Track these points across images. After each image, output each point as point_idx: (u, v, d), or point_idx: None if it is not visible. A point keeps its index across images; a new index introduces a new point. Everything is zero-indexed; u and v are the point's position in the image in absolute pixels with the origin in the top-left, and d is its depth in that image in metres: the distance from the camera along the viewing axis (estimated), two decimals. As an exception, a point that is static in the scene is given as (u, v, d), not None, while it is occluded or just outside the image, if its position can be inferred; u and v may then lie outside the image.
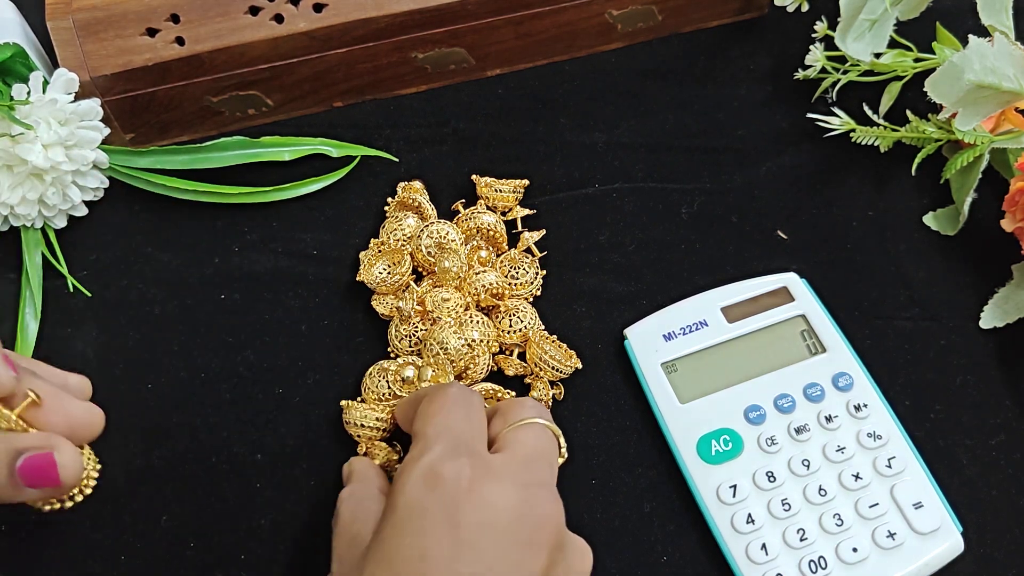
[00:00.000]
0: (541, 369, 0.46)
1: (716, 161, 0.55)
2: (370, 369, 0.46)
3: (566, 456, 0.42)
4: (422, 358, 0.46)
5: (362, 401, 0.46)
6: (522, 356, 0.47)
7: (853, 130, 0.53)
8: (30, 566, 0.43)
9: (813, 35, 0.55)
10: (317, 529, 0.44)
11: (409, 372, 0.45)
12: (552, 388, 0.46)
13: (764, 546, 0.41)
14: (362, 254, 0.50)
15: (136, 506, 0.44)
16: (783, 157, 0.55)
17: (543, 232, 0.51)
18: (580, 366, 0.47)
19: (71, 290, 0.50)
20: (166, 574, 0.42)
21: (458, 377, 0.46)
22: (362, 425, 0.44)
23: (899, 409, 0.45)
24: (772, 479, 0.43)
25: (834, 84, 0.55)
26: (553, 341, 0.47)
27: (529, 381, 0.47)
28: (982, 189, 0.51)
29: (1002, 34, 0.49)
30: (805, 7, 0.57)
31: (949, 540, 0.42)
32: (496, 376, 0.47)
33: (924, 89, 0.49)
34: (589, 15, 0.56)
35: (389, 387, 0.45)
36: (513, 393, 0.46)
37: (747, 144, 0.56)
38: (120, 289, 0.50)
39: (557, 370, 0.46)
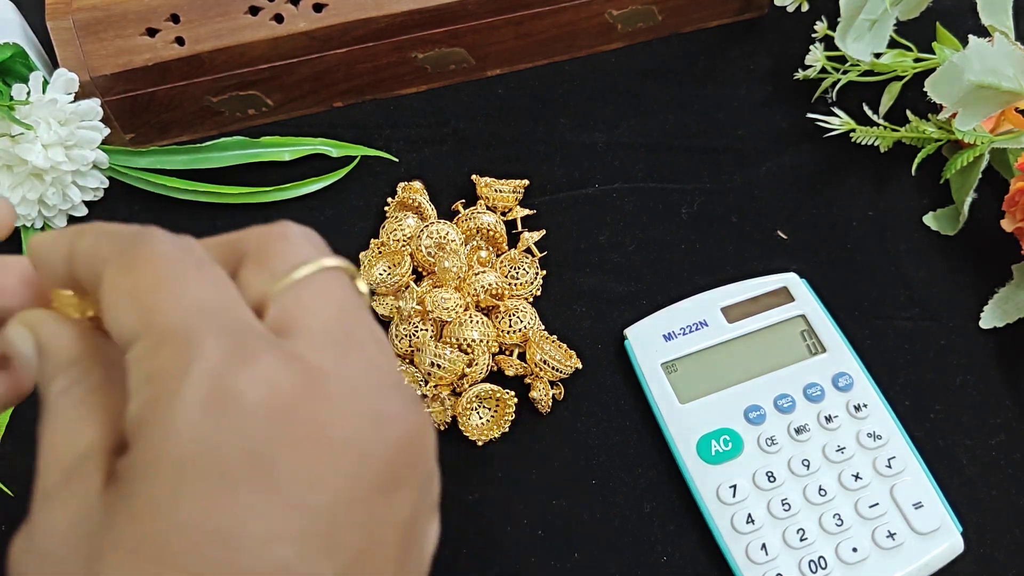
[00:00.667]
0: (541, 369, 0.46)
1: (716, 161, 0.55)
2: None
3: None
4: (415, 366, 0.46)
5: None
6: (522, 356, 0.47)
7: (853, 130, 0.53)
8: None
9: (813, 35, 0.55)
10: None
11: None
12: (552, 388, 0.46)
13: (764, 546, 0.41)
14: (362, 254, 0.50)
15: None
16: (783, 157, 0.55)
17: (543, 232, 0.51)
18: (580, 366, 0.47)
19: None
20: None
21: (459, 378, 0.46)
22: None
23: (899, 409, 0.45)
24: (772, 479, 0.43)
25: (834, 84, 0.55)
26: (553, 341, 0.47)
27: (529, 381, 0.47)
28: (982, 189, 0.51)
29: (1002, 34, 0.49)
30: (805, 7, 0.57)
31: (949, 540, 0.42)
32: (496, 376, 0.47)
33: (924, 89, 0.49)
34: (589, 15, 0.56)
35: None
36: (512, 393, 0.46)
37: (747, 144, 0.56)
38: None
39: (557, 370, 0.46)
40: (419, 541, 0.23)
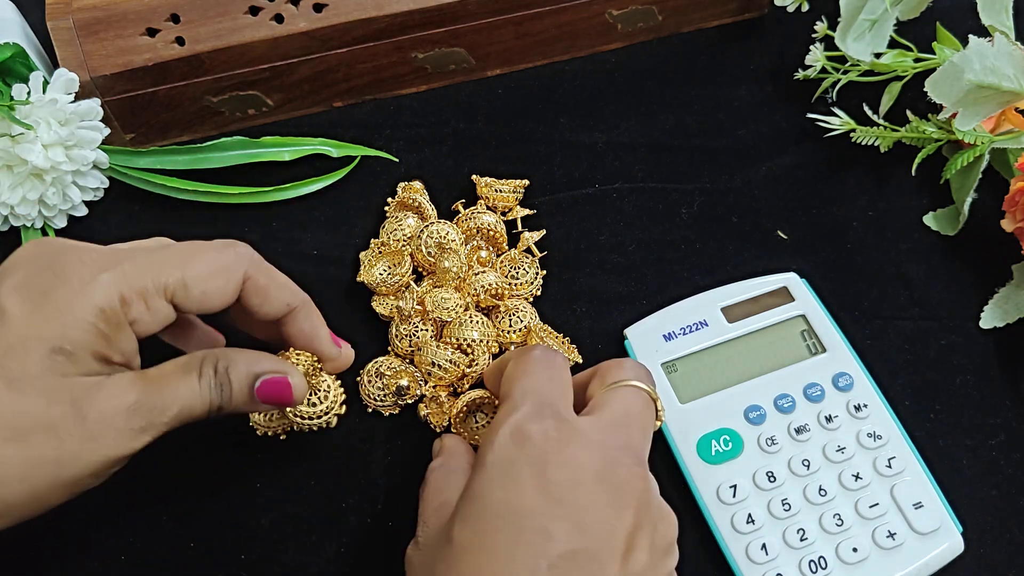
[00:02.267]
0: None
1: (716, 161, 0.55)
2: (367, 367, 0.47)
3: (663, 420, 0.41)
4: (415, 366, 0.46)
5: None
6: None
7: (853, 130, 0.53)
8: (30, 566, 0.43)
9: (813, 35, 0.55)
10: (317, 529, 0.44)
11: (404, 382, 0.45)
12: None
13: (764, 546, 0.41)
14: (362, 254, 0.50)
15: (136, 506, 0.44)
16: (783, 157, 0.55)
17: (543, 232, 0.51)
18: (580, 360, 0.47)
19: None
20: (166, 574, 0.42)
21: (459, 378, 0.46)
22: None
23: (899, 409, 0.45)
24: (772, 479, 0.43)
25: (834, 84, 0.55)
26: (553, 334, 0.47)
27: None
28: (982, 189, 0.51)
29: (1002, 34, 0.49)
30: (805, 7, 0.57)
31: (949, 540, 0.42)
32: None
33: (924, 89, 0.49)
34: (589, 15, 0.56)
35: (383, 392, 0.45)
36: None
37: (747, 144, 0.56)
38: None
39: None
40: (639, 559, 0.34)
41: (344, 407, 0.43)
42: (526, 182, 0.52)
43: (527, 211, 0.52)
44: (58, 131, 0.47)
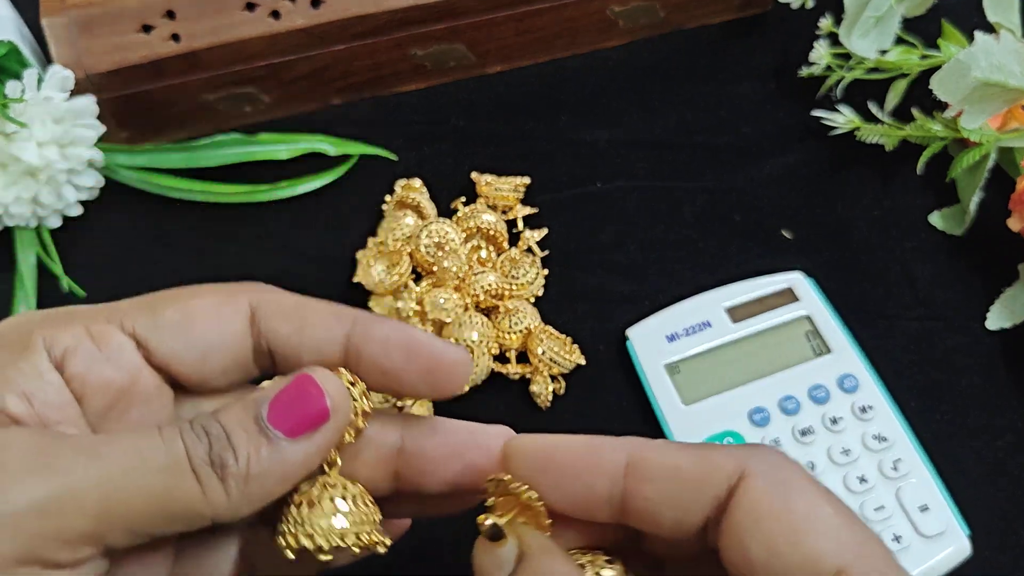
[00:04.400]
0: (541, 362, 0.45)
1: (719, 159, 0.54)
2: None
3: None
4: None
5: None
6: (522, 357, 0.47)
7: (858, 128, 0.52)
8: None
9: (817, 32, 0.55)
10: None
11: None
12: (552, 383, 0.46)
13: (769, 550, 0.41)
14: (360, 254, 0.49)
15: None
16: (787, 155, 0.55)
17: (544, 231, 0.51)
18: (583, 361, 0.47)
19: (66, 290, 0.49)
20: None
21: None
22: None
23: (905, 410, 0.45)
24: (777, 482, 0.42)
25: (839, 81, 0.54)
26: (554, 335, 0.47)
27: (529, 376, 0.46)
28: (989, 188, 0.50)
29: (1008, 31, 0.49)
30: (810, 4, 0.56)
31: (955, 543, 0.41)
32: (496, 377, 0.46)
33: (930, 87, 0.48)
34: (591, 11, 0.56)
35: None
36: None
37: (751, 142, 0.55)
38: (115, 289, 0.49)
39: (557, 363, 0.45)
40: None
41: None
42: (527, 180, 0.52)
43: (528, 210, 0.51)
44: (52, 129, 0.47)
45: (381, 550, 0.26)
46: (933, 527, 0.41)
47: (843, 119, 0.52)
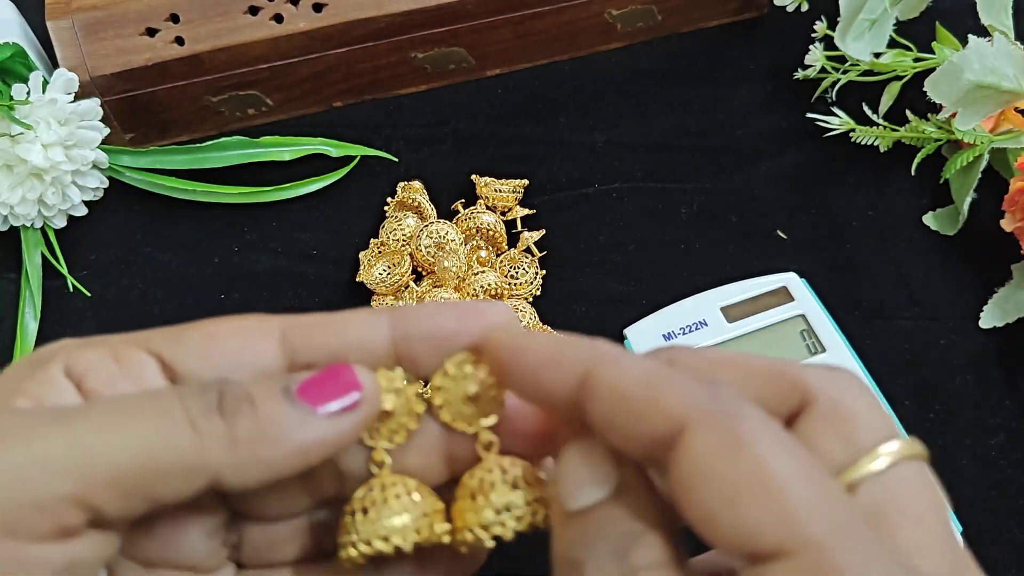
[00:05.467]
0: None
1: (716, 161, 0.55)
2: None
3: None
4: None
5: None
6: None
7: (853, 130, 0.53)
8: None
9: (813, 35, 0.55)
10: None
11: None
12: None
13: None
14: (362, 254, 0.50)
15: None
16: (783, 157, 0.55)
17: (543, 232, 0.51)
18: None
19: (71, 290, 0.50)
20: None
21: None
22: None
23: (899, 409, 0.45)
24: (771, 479, 0.43)
25: (834, 84, 0.55)
26: (547, 331, 0.47)
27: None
28: (982, 189, 0.51)
29: (1002, 34, 0.49)
30: (805, 7, 0.57)
31: (948, 540, 0.42)
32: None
33: (924, 89, 0.49)
34: (589, 15, 0.56)
35: None
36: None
37: (747, 144, 0.56)
38: (120, 289, 0.50)
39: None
40: None
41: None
42: (526, 182, 0.52)
43: (527, 211, 0.52)
44: (58, 131, 0.47)
45: (446, 540, 0.25)
46: (926, 523, 0.42)
47: (838, 121, 0.53)
